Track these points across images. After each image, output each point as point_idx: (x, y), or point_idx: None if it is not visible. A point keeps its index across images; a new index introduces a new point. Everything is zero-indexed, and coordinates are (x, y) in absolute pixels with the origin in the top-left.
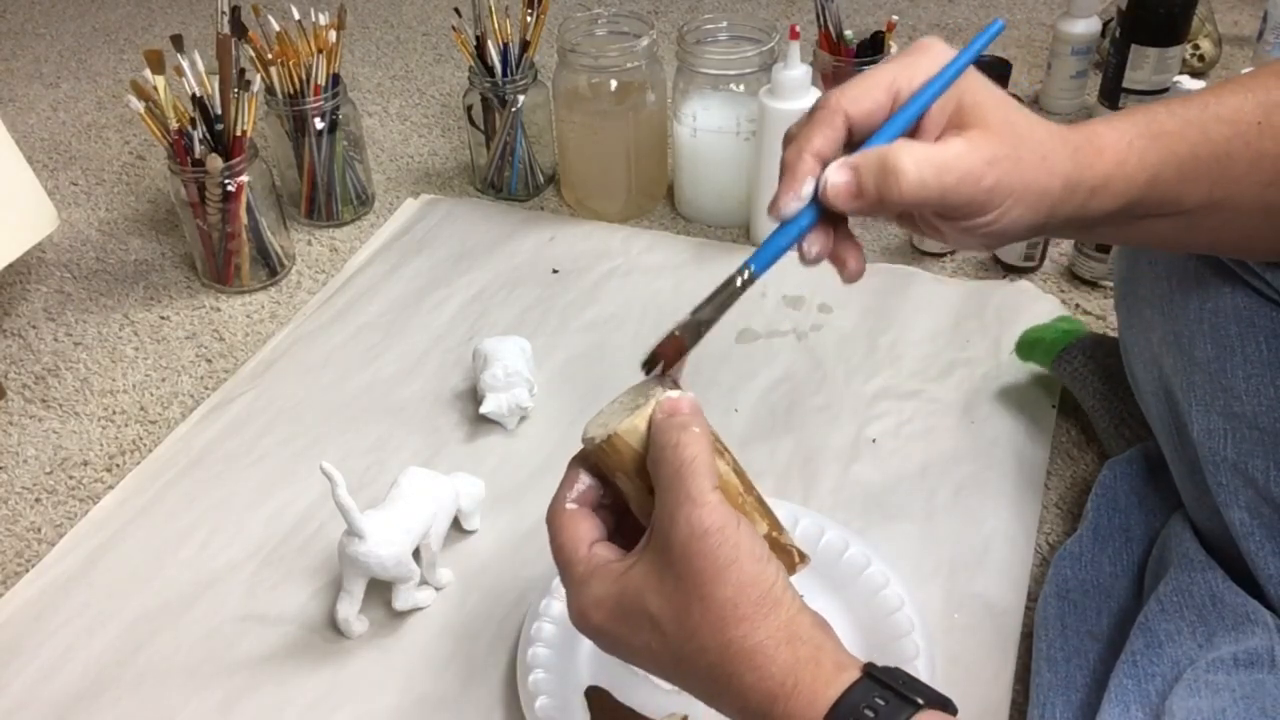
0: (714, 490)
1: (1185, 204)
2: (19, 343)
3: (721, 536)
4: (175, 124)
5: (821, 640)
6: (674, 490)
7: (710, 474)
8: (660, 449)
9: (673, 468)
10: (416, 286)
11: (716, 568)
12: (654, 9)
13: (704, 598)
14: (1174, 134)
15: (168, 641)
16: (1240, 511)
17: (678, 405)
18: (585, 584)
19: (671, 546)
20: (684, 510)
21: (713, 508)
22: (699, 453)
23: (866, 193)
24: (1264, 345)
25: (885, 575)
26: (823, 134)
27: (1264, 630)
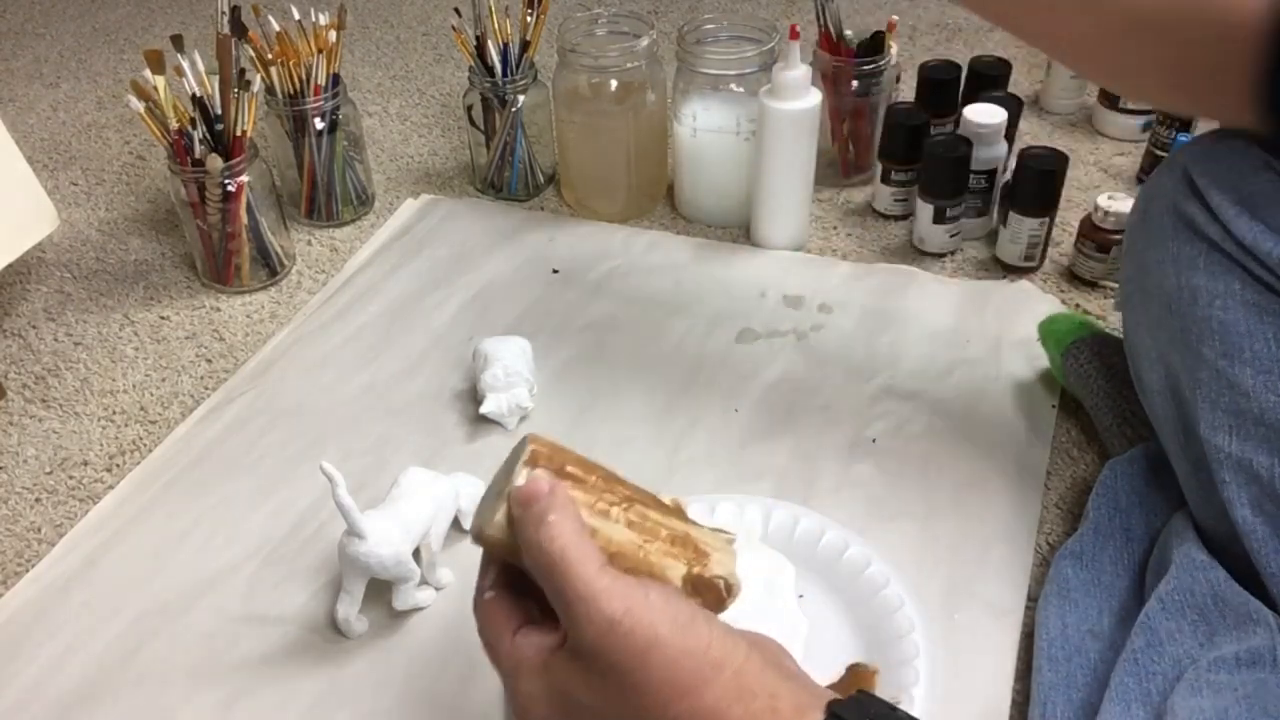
0: (602, 572)
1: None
2: (19, 343)
3: (631, 620)
4: (175, 124)
5: (776, 685)
6: (561, 591)
7: (590, 558)
8: (528, 551)
9: (548, 569)
10: (416, 286)
11: (638, 654)
12: (654, 9)
13: (635, 685)
14: None
15: (168, 641)
16: (1244, 509)
17: (530, 494)
18: (515, 678)
19: (583, 647)
20: (578, 610)
21: (608, 596)
22: (567, 543)
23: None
24: (1272, 341)
25: (885, 575)
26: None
27: (1266, 629)
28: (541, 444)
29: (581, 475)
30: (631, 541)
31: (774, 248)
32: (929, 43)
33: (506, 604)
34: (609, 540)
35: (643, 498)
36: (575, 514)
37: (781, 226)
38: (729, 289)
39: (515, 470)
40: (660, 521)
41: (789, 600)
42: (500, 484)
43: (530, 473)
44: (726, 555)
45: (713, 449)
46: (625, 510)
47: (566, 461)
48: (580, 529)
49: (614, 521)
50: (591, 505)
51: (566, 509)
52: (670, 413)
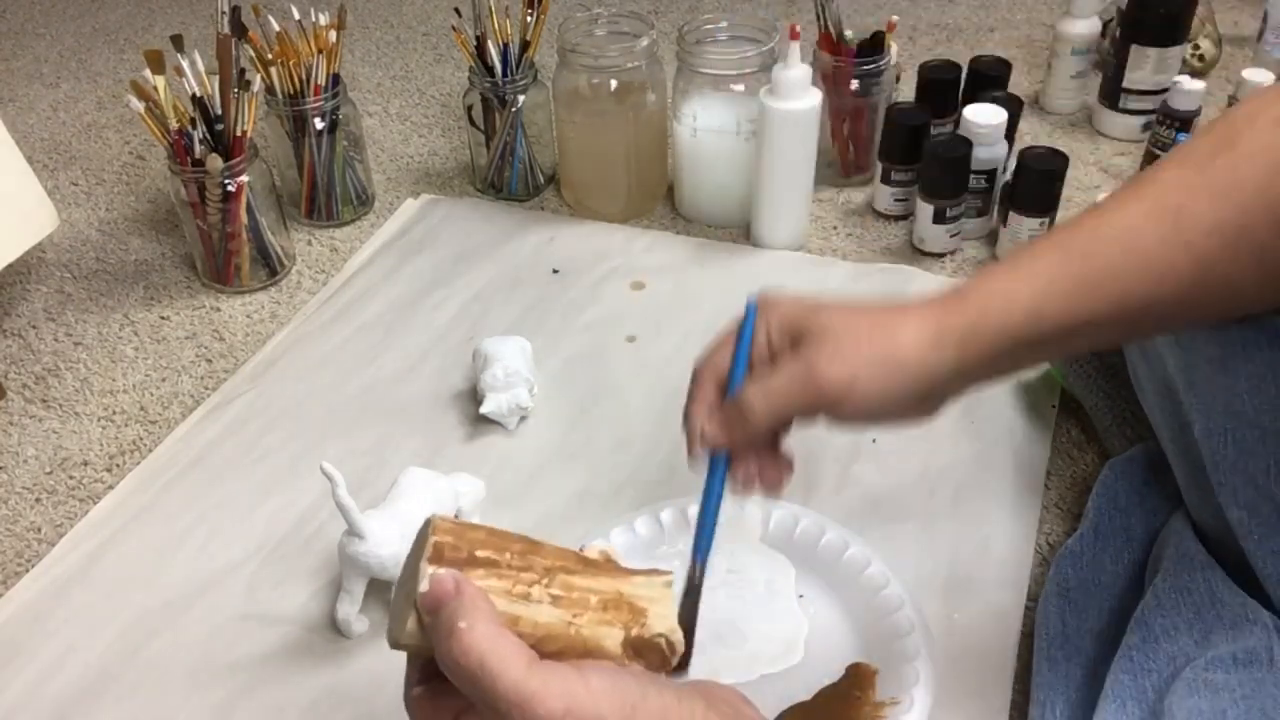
0: (530, 673)
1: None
2: (19, 343)
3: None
4: (175, 124)
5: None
6: (491, 700)
7: (513, 657)
8: (444, 663)
9: (470, 681)
10: (416, 286)
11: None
12: (654, 9)
13: None
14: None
15: (168, 641)
16: (1241, 510)
17: (435, 599)
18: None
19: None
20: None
21: (541, 698)
22: (484, 649)
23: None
24: (1266, 345)
25: (885, 575)
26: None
27: (1262, 629)
28: (444, 531)
29: (493, 557)
30: (560, 620)
31: (774, 248)
32: (929, 43)
33: (437, 697)
34: (535, 624)
35: (565, 563)
36: (488, 611)
37: (781, 226)
38: (729, 289)
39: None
40: (588, 587)
41: (789, 600)
42: (409, 580)
43: (433, 574)
44: (664, 606)
45: None
46: (547, 586)
47: (475, 544)
48: (496, 629)
49: (537, 602)
50: (509, 591)
51: (477, 608)
52: (670, 413)
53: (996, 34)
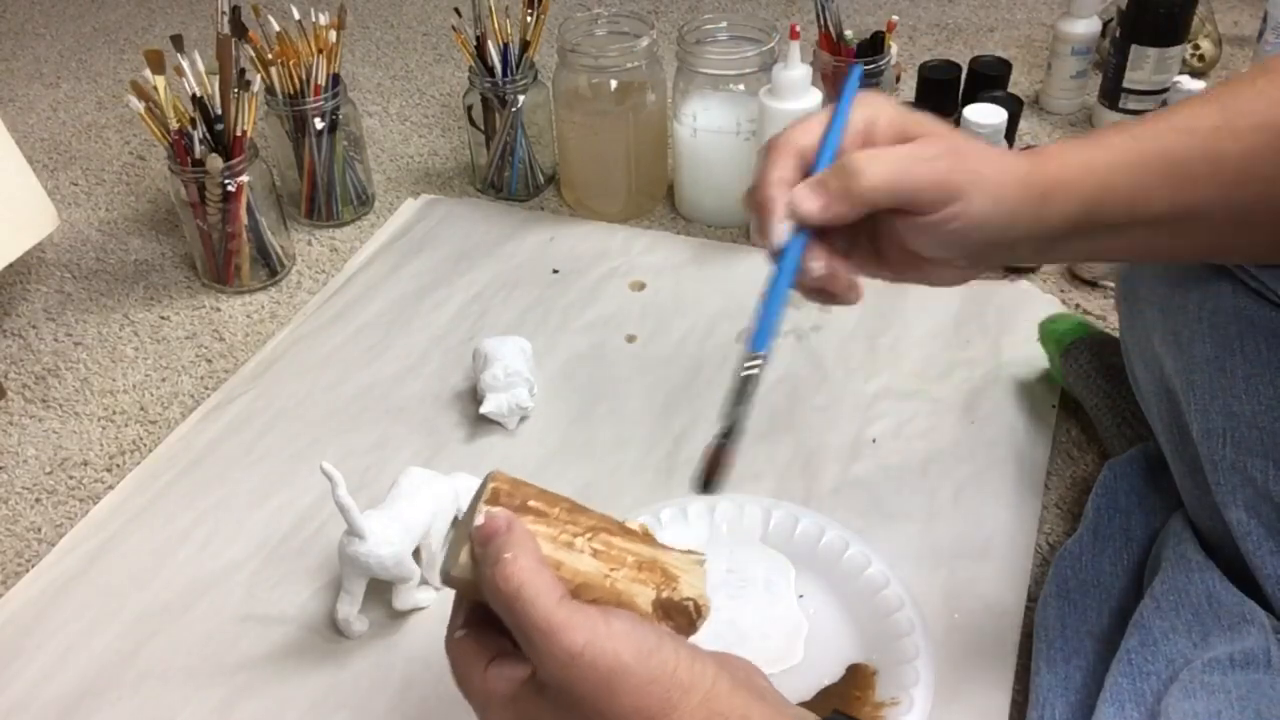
0: (561, 604)
1: (1150, 211)
2: (19, 343)
3: (594, 651)
4: (175, 124)
5: (747, 706)
6: (522, 629)
7: (548, 591)
8: (487, 589)
9: (507, 606)
10: (416, 286)
11: (604, 683)
12: (654, 9)
13: (602, 714)
14: (1119, 145)
15: (168, 641)
16: (1239, 511)
17: (488, 533)
18: (486, 711)
19: (550, 680)
20: (539, 645)
21: (566, 628)
22: (524, 579)
23: (834, 191)
24: (1263, 345)
25: (885, 575)
26: (782, 164)
27: (1260, 631)
28: (502, 481)
29: (544, 509)
30: (598, 571)
31: None
32: (929, 43)
33: (477, 640)
34: (575, 571)
35: (608, 526)
36: (533, 548)
37: None
38: (729, 289)
39: (476, 509)
40: (626, 548)
41: (789, 600)
42: (467, 521)
43: (489, 511)
44: (696, 577)
45: None
46: (590, 540)
47: (528, 496)
48: (538, 563)
49: (579, 552)
50: (555, 538)
51: (523, 544)
52: (670, 413)
53: (996, 34)
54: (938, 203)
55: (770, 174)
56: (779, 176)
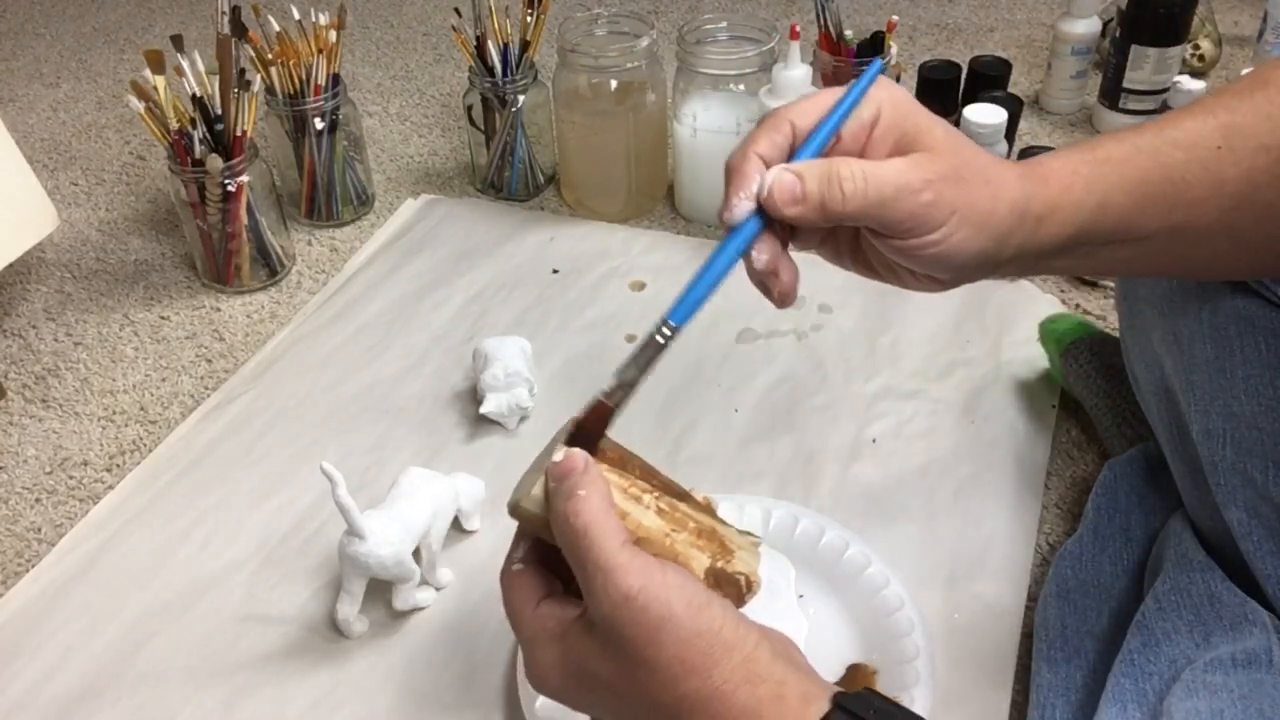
0: (623, 548)
1: (1143, 230)
2: (19, 343)
3: (646, 597)
4: (175, 124)
5: (784, 674)
6: (582, 564)
7: (614, 534)
8: (555, 522)
9: (573, 541)
10: (416, 286)
11: (650, 630)
12: (654, 9)
13: (645, 661)
14: (1122, 160)
15: (168, 641)
16: (1239, 511)
17: (565, 469)
18: (533, 646)
19: (600, 619)
20: (597, 582)
21: (624, 571)
22: (593, 518)
23: (810, 197)
24: (1263, 345)
25: (885, 575)
26: (769, 138)
27: (1262, 630)
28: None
29: (619, 459)
30: (659, 529)
31: None
32: (929, 43)
33: (533, 576)
34: (638, 524)
35: (675, 490)
36: (605, 491)
37: None
38: (729, 289)
39: (555, 447)
40: (689, 514)
41: (789, 600)
42: (541, 461)
43: (568, 450)
44: (750, 555)
45: (713, 449)
46: (657, 499)
47: (606, 445)
48: (607, 506)
49: (645, 508)
50: (625, 489)
51: (596, 485)
52: (670, 413)
53: (996, 34)
54: (914, 232)
55: (752, 146)
56: (760, 151)
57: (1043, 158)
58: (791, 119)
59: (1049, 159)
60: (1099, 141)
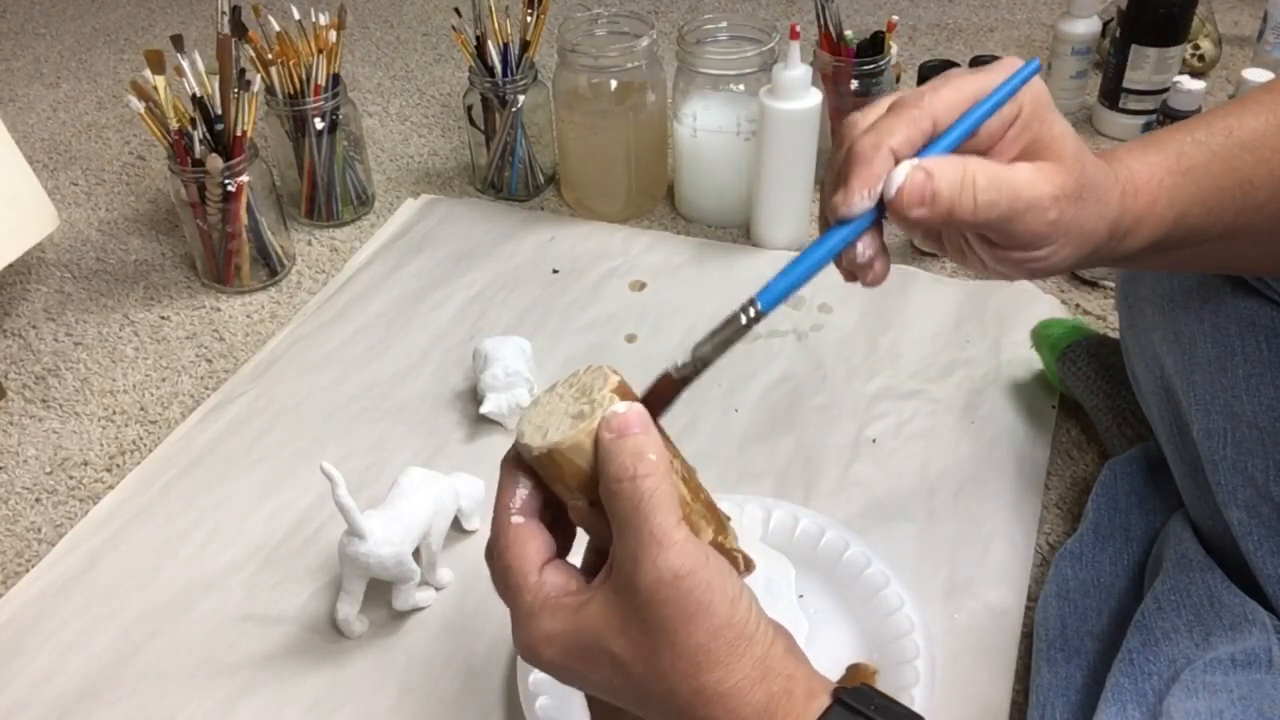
0: (679, 526)
1: (1209, 234)
2: (19, 343)
3: (693, 581)
4: (175, 124)
5: (793, 669)
6: (635, 529)
7: (674, 508)
8: (615, 481)
9: (632, 504)
10: (416, 286)
11: (688, 614)
12: (654, 9)
13: (674, 644)
14: (1200, 168)
15: (168, 641)
16: (1239, 511)
17: (628, 424)
18: (535, 616)
19: (637, 590)
20: (648, 552)
21: (680, 549)
22: (658, 485)
23: (939, 201)
24: (1264, 345)
25: (885, 575)
26: (906, 133)
27: (1261, 630)
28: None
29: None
30: (683, 498)
31: (774, 248)
32: (929, 43)
33: (537, 533)
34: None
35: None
36: (669, 459)
37: (781, 226)
38: (729, 289)
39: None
40: (700, 485)
41: (789, 600)
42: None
43: (630, 404)
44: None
45: (713, 449)
46: (681, 465)
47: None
48: (672, 477)
49: (675, 471)
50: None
51: (662, 452)
52: (670, 413)
53: (996, 34)
54: (1026, 247)
55: (886, 137)
56: (894, 145)
57: (1129, 157)
58: (934, 113)
59: (1135, 160)
60: (1176, 142)
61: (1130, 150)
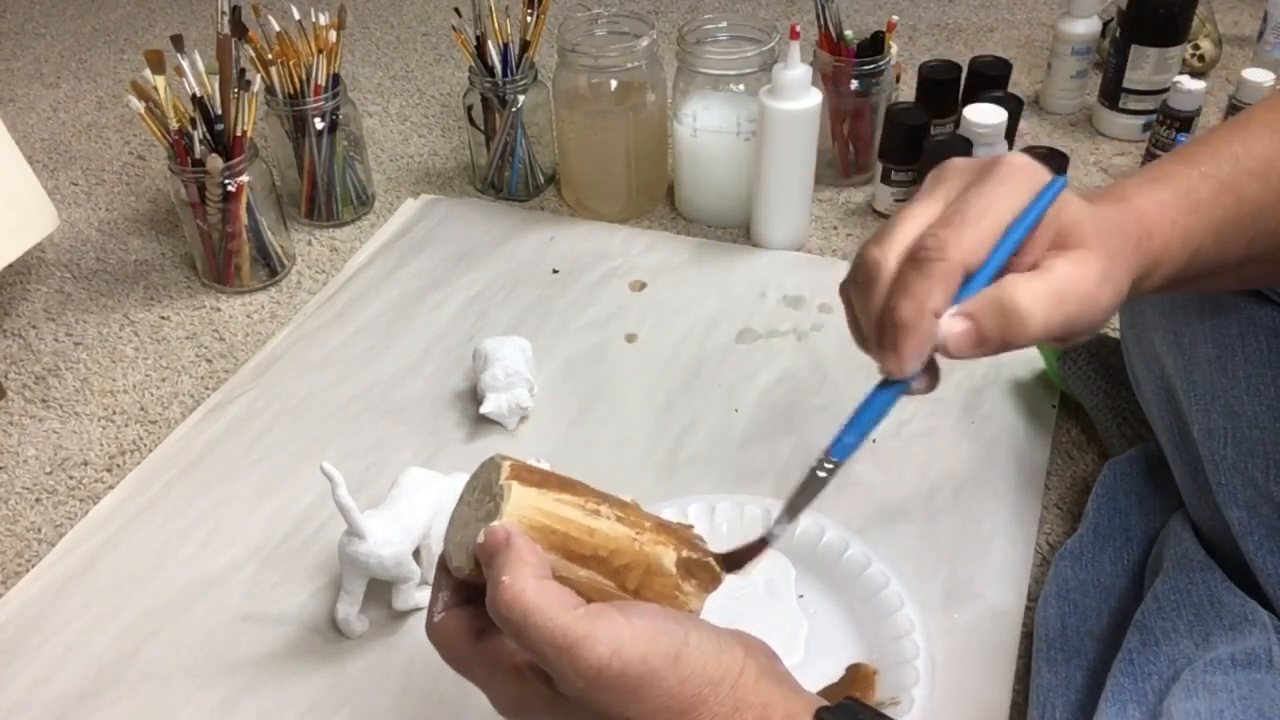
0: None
1: (1225, 264)
2: (19, 343)
3: (620, 661)
4: (175, 124)
5: (769, 694)
6: (537, 650)
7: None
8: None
9: (516, 632)
10: (416, 286)
11: (631, 692)
12: (654, 9)
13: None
14: (1210, 202)
15: (168, 641)
16: (1240, 510)
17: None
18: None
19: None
20: (562, 663)
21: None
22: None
23: (989, 339)
24: (1265, 345)
25: (885, 575)
26: (944, 291)
27: (1261, 630)
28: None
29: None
30: (626, 535)
31: (774, 248)
32: (929, 43)
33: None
34: (606, 538)
35: (612, 499)
36: (536, 565)
37: (781, 226)
38: (729, 289)
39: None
40: (642, 515)
41: (789, 600)
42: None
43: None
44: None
45: (713, 449)
46: (611, 508)
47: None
48: (539, 581)
49: (606, 518)
50: (583, 505)
51: (522, 565)
52: (670, 413)
53: (996, 34)
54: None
55: (928, 302)
56: (935, 308)
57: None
58: (964, 259)
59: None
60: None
61: (1139, 189)
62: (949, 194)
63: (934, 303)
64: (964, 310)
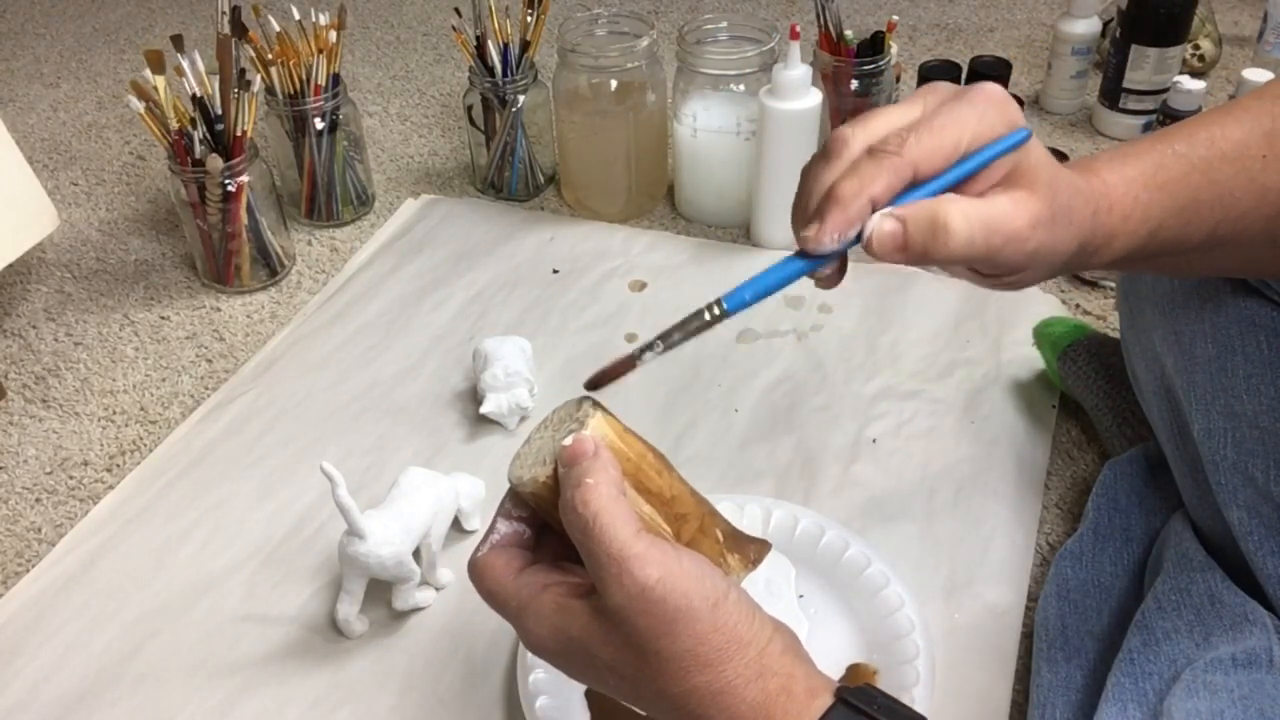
0: (638, 537)
1: (1188, 244)
2: (19, 343)
3: (664, 588)
4: (175, 124)
5: (792, 667)
6: (593, 554)
7: (626, 522)
8: (564, 510)
9: (581, 530)
10: (416, 286)
11: (666, 622)
12: (654, 9)
13: (659, 652)
14: (1178, 181)
15: (168, 641)
16: (1240, 511)
17: (575, 453)
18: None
19: (612, 608)
20: (610, 571)
21: (641, 560)
22: (601, 506)
23: (913, 246)
24: (1265, 344)
25: (885, 575)
26: (887, 181)
27: (1262, 630)
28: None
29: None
30: (689, 489)
31: (774, 248)
32: (929, 43)
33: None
34: (674, 482)
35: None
36: (615, 478)
37: (781, 226)
38: (729, 288)
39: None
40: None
41: (789, 600)
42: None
43: (579, 434)
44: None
45: (713, 449)
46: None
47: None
48: (616, 493)
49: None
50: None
51: (605, 472)
52: (670, 413)
53: (996, 34)
54: (999, 271)
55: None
56: (874, 194)
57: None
58: (916, 161)
59: (1111, 173)
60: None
61: (1108, 162)
62: (927, 107)
63: (874, 189)
64: (897, 212)
